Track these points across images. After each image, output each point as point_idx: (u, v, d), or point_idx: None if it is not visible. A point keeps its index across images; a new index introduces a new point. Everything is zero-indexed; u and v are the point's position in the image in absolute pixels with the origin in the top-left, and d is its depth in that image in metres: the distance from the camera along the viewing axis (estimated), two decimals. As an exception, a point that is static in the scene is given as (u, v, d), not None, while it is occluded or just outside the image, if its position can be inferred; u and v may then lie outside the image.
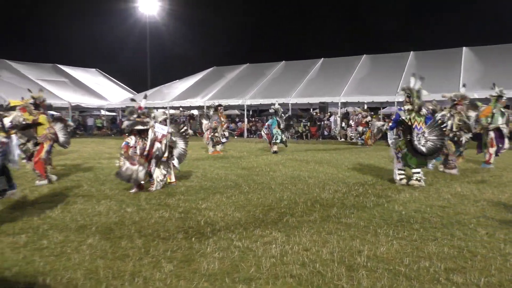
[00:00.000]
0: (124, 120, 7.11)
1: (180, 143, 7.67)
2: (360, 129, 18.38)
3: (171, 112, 27.74)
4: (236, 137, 25.23)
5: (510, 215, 5.08)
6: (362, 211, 5.28)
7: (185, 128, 8.07)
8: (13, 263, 3.48)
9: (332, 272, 3.25)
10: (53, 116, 7.51)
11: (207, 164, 10.47)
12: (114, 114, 33.45)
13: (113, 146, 17.15)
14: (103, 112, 33.69)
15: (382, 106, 27.15)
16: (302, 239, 4.09)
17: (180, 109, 29.21)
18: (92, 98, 30.43)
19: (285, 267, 3.38)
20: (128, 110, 6.94)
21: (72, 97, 28.39)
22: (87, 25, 69.29)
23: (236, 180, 7.75)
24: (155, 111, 7.40)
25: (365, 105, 18.21)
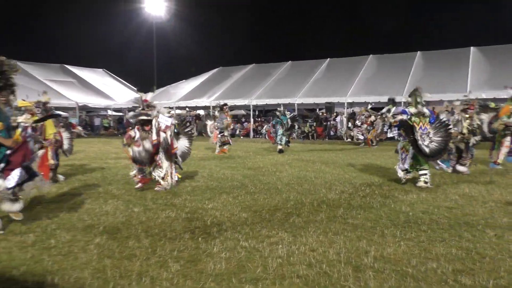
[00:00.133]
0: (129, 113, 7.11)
1: (185, 142, 7.66)
2: (364, 126, 18.27)
3: (177, 112, 27.81)
4: (242, 137, 25.25)
5: (519, 216, 5.03)
6: (369, 211, 5.26)
7: (191, 127, 8.08)
8: (21, 262, 3.50)
9: (339, 273, 3.24)
10: (60, 116, 7.54)
11: (213, 164, 10.48)
12: (120, 114, 33.60)
13: (119, 146, 17.22)
14: (109, 112, 33.86)
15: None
16: (308, 240, 4.08)
17: (187, 109, 29.27)
18: (99, 98, 30.62)
19: (291, 267, 3.37)
20: (134, 100, 6.93)
21: (79, 97, 28.60)
22: (94, 26, 69.62)
23: (242, 180, 7.76)
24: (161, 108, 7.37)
25: (369, 105, 18.15)
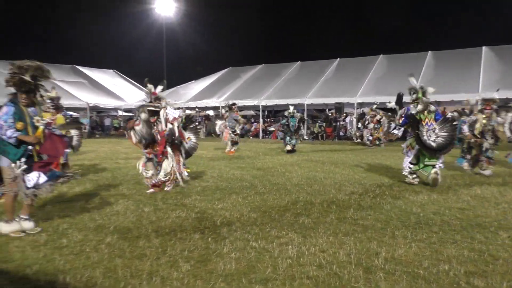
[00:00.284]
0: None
1: (191, 137, 7.74)
2: (371, 125, 18.14)
3: (187, 113, 27.94)
4: (251, 137, 25.26)
5: (533, 218, 4.96)
6: (379, 212, 5.23)
7: (196, 124, 8.16)
8: (34, 261, 3.54)
9: (349, 274, 3.23)
10: (71, 116, 7.66)
11: (223, 164, 10.50)
12: (131, 114, 33.80)
13: (129, 146, 17.33)
14: (120, 113, 34.06)
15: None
16: (318, 241, 4.07)
17: (196, 109, 29.37)
18: (109, 98, 30.82)
19: (301, 268, 3.36)
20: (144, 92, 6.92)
21: (90, 97, 28.80)
22: (105, 27, 70.19)
23: (252, 181, 7.76)
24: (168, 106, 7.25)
25: (374, 105, 18.11)
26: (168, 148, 6.73)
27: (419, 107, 7.14)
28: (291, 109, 13.95)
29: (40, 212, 5.24)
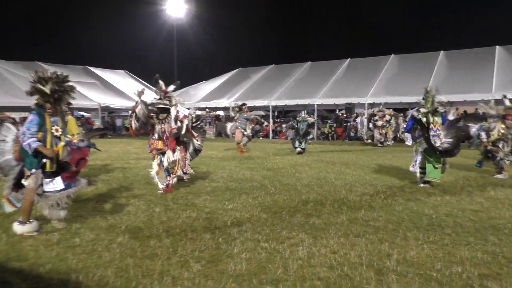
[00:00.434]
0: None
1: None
2: (380, 123, 18.06)
3: (197, 113, 28.05)
4: (261, 138, 25.25)
5: (548, 220, 4.87)
6: (391, 214, 5.19)
7: (201, 125, 8.18)
8: (47, 260, 3.58)
9: (361, 276, 3.20)
10: (83, 116, 7.74)
11: (233, 165, 10.51)
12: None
13: (140, 146, 17.45)
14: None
15: (410, 107, 26.55)
16: (329, 242, 4.05)
17: (207, 110, 29.47)
18: (121, 99, 31.03)
19: (312, 269, 3.35)
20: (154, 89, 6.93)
21: (101, 98, 29.03)
22: (116, 29, 70.98)
23: (262, 181, 7.75)
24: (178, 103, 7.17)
25: (381, 105, 18.02)
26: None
27: (423, 109, 7.11)
28: (303, 114, 13.96)
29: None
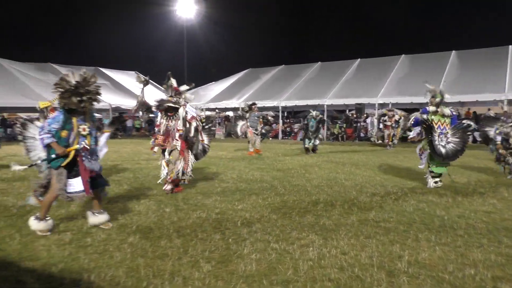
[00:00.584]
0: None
1: (205, 139, 7.81)
2: (389, 123, 17.97)
3: (207, 114, 28.12)
4: (270, 138, 25.23)
5: None
6: (402, 215, 5.15)
7: (210, 125, 8.21)
8: (59, 259, 3.62)
9: (372, 277, 3.18)
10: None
11: (242, 165, 10.52)
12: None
13: (150, 146, 17.59)
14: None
15: (421, 108, 26.33)
16: (339, 243, 4.03)
17: (216, 110, 29.56)
18: (131, 99, 31.18)
19: (322, 270, 3.34)
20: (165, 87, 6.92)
21: (112, 99, 29.32)
22: (127, 30, 71.48)
23: (272, 182, 7.75)
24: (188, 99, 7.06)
25: (390, 105, 17.91)
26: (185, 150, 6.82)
27: (431, 108, 7.14)
28: (313, 113, 13.97)
29: (64, 211, 5.37)
